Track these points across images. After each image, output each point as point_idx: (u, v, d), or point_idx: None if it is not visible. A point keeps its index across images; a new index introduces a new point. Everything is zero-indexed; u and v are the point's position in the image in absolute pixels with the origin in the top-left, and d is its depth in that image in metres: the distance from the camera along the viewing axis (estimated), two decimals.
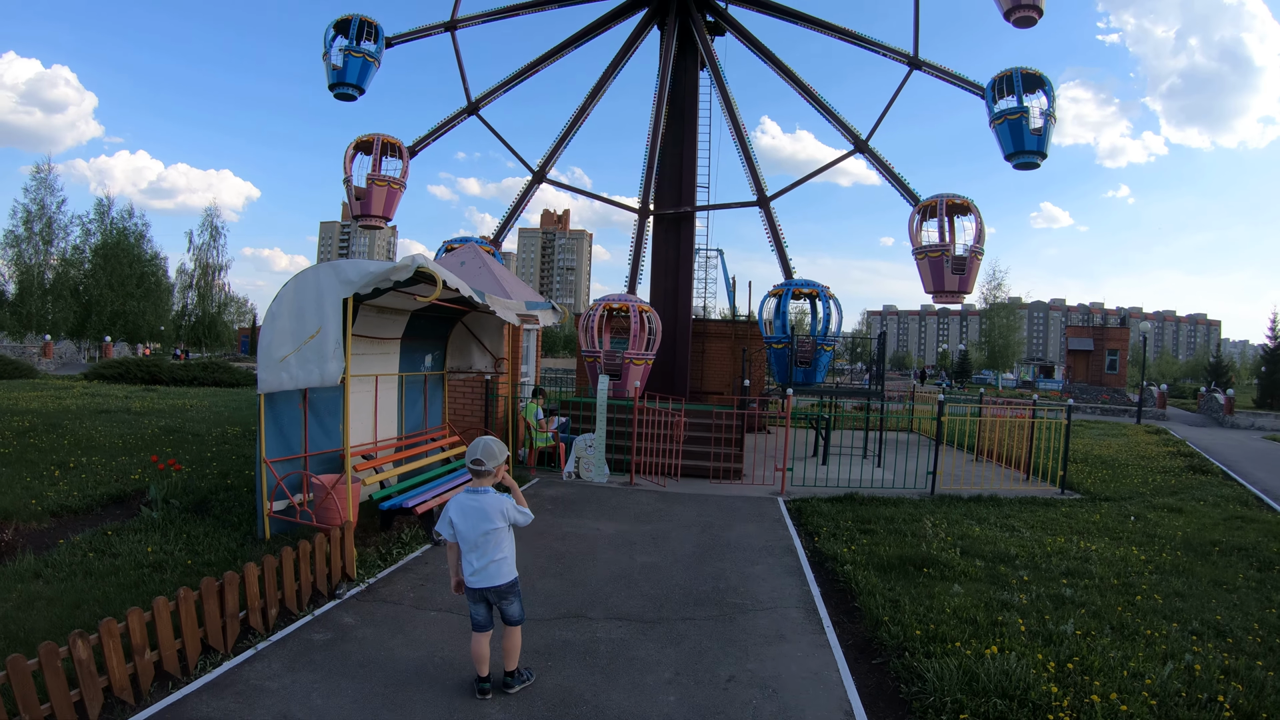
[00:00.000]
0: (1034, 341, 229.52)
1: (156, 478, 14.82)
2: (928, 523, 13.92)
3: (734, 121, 28.20)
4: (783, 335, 23.97)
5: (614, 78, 30.62)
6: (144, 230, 75.66)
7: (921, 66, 28.16)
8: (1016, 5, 26.16)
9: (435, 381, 17.04)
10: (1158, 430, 36.16)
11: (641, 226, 28.25)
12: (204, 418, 24.84)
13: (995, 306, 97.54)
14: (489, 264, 18.77)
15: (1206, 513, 16.99)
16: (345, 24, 29.67)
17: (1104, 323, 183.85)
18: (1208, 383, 76.15)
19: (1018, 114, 25.51)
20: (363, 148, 29.55)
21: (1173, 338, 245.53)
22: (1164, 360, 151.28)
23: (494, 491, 6.89)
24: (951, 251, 25.33)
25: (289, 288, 10.46)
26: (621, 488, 17.65)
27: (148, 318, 73.52)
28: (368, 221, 29.68)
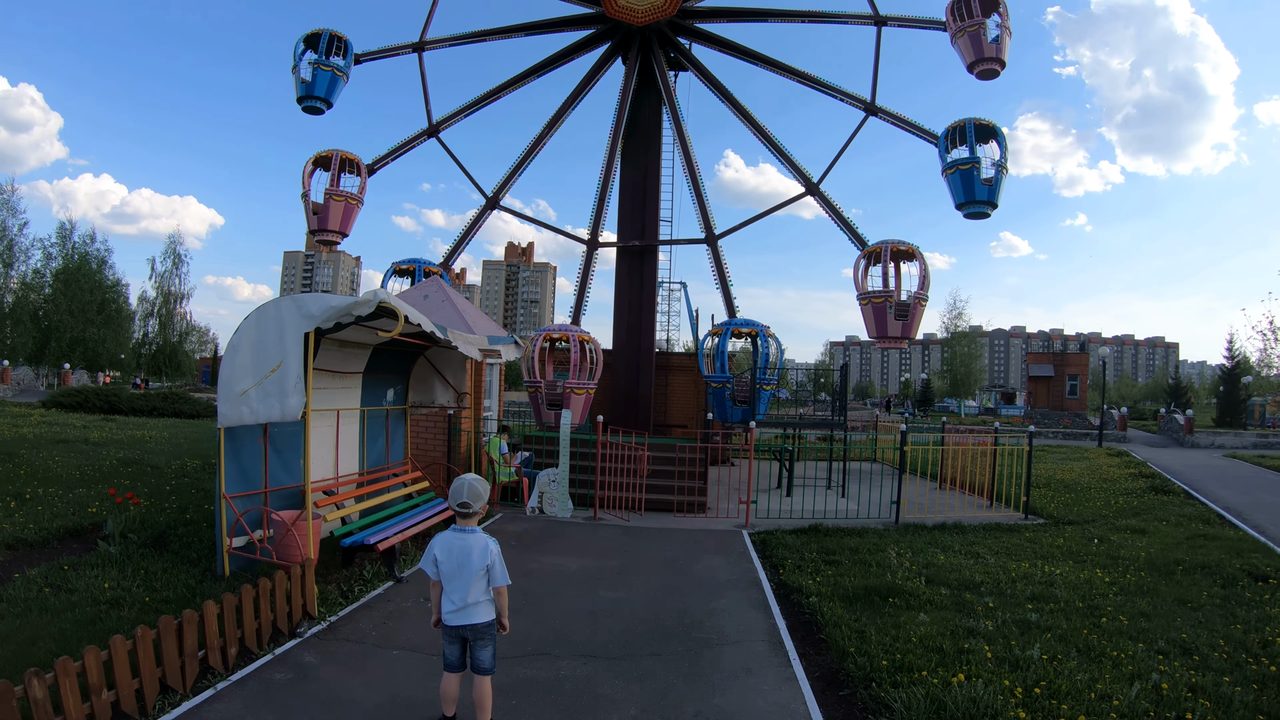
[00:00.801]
0: (995, 369, 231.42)
1: (114, 511, 14.54)
2: (892, 552, 13.93)
3: (687, 159, 28.38)
4: (721, 374, 24.01)
5: (573, 108, 30.78)
6: (106, 256, 74.85)
7: (878, 113, 28.51)
8: (980, 59, 26.61)
9: (397, 416, 16.83)
10: (1119, 453, 36.47)
11: (589, 258, 28.56)
12: (163, 449, 24.51)
13: (956, 335, 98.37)
14: (452, 297, 18.68)
15: (1169, 532, 17.14)
16: (315, 38, 29.74)
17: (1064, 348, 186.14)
18: (1167, 404, 77.18)
19: (969, 164, 25.84)
20: (321, 163, 29.36)
21: (1132, 361, 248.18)
22: (1124, 383, 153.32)
23: (481, 532, 6.82)
24: (895, 298, 25.57)
25: (250, 321, 10.35)
26: (586, 522, 17.53)
27: (108, 345, 72.36)
28: (324, 236, 29.47)
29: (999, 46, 26.75)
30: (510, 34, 31.43)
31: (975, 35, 26.74)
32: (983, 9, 26.83)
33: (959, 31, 27.04)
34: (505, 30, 31.43)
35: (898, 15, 28.91)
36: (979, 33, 26.69)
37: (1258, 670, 8.75)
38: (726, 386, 23.51)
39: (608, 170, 28.65)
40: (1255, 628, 10.37)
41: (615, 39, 30.01)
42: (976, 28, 26.69)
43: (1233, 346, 69.15)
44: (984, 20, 26.75)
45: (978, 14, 26.76)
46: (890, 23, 29.01)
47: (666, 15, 28.57)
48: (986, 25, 26.74)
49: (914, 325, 25.63)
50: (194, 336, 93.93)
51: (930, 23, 28.42)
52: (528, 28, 31.26)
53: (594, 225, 28.63)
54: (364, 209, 30.00)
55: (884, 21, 29.00)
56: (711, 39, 30.45)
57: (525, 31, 31.29)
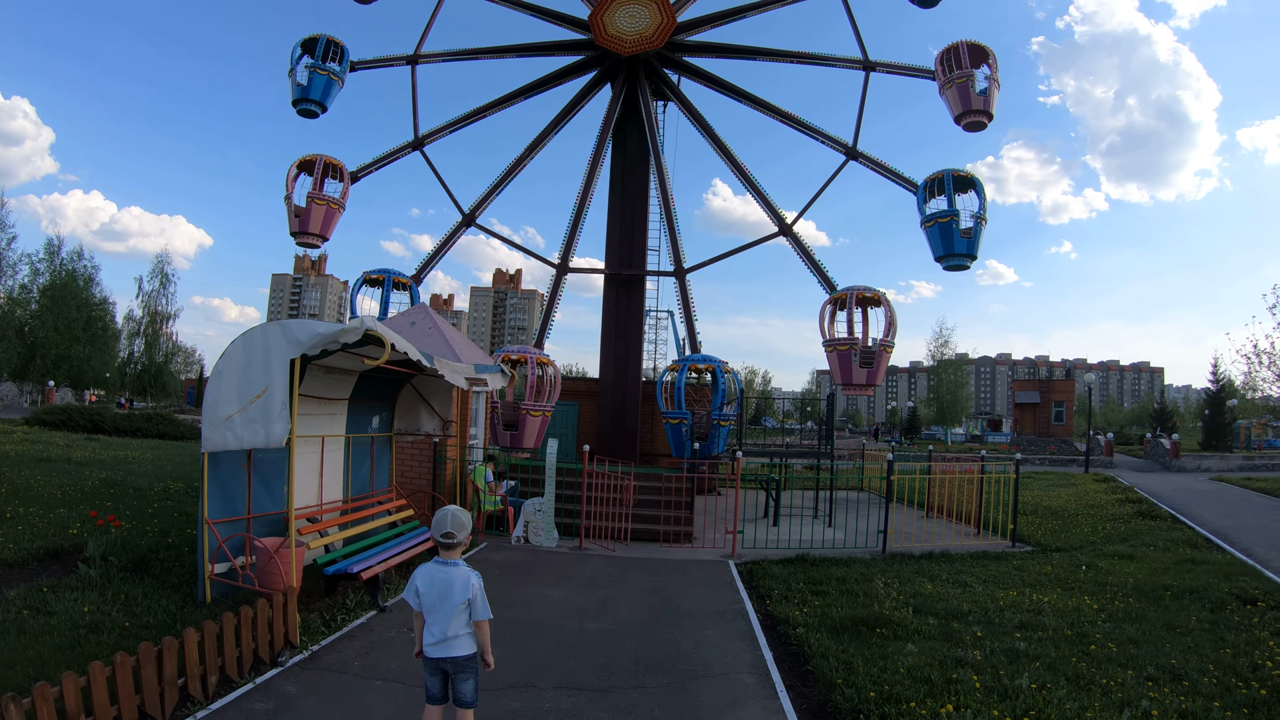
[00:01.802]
0: (982, 396, 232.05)
1: (95, 533, 14.38)
2: (879, 582, 13.86)
3: (663, 192, 28.65)
4: (678, 411, 24.01)
5: (556, 132, 31.26)
6: (93, 273, 73.47)
7: (858, 157, 28.88)
8: (968, 110, 26.91)
9: (382, 443, 16.73)
10: (1106, 478, 36.51)
11: (558, 281, 29.11)
12: (146, 471, 24.29)
13: (943, 363, 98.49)
14: (439, 325, 18.65)
15: (1157, 557, 17.14)
16: (312, 43, 30.08)
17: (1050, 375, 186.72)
18: (1153, 428, 77.34)
19: (948, 217, 26.09)
20: (305, 167, 29.62)
21: (1118, 386, 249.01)
22: (1110, 408, 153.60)
23: (464, 565, 6.73)
24: (859, 346, 25.70)
25: (236, 346, 10.35)
26: (571, 552, 17.44)
27: (93, 363, 71.11)
28: (305, 239, 29.69)
29: (987, 99, 27.01)
30: (503, 54, 31.98)
31: (963, 87, 27.03)
32: (972, 60, 27.15)
33: (947, 83, 27.38)
34: (498, 50, 31.97)
35: (886, 62, 29.32)
36: (967, 85, 26.99)
37: (1247, 694, 8.72)
38: (683, 423, 23.56)
39: (583, 196, 29.19)
40: (1244, 651, 10.35)
41: (603, 67, 30.40)
42: (965, 79, 27.00)
43: (1217, 370, 69.47)
44: (973, 71, 27.05)
45: (966, 65, 27.08)
46: (879, 68, 29.39)
47: (654, 47, 28.83)
48: (975, 77, 27.05)
49: (879, 372, 25.84)
50: (180, 357, 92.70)
51: (919, 71, 28.74)
52: (520, 49, 31.72)
53: (565, 249, 29.16)
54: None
55: (873, 67, 29.36)
56: (698, 73, 30.77)
57: (518, 53, 31.81)
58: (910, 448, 65.43)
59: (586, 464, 18.57)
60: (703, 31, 30.96)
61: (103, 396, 78.53)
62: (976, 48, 27.37)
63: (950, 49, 27.53)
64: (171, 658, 7.52)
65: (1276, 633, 11.27)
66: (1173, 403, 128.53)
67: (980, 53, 27.41)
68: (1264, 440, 64.36)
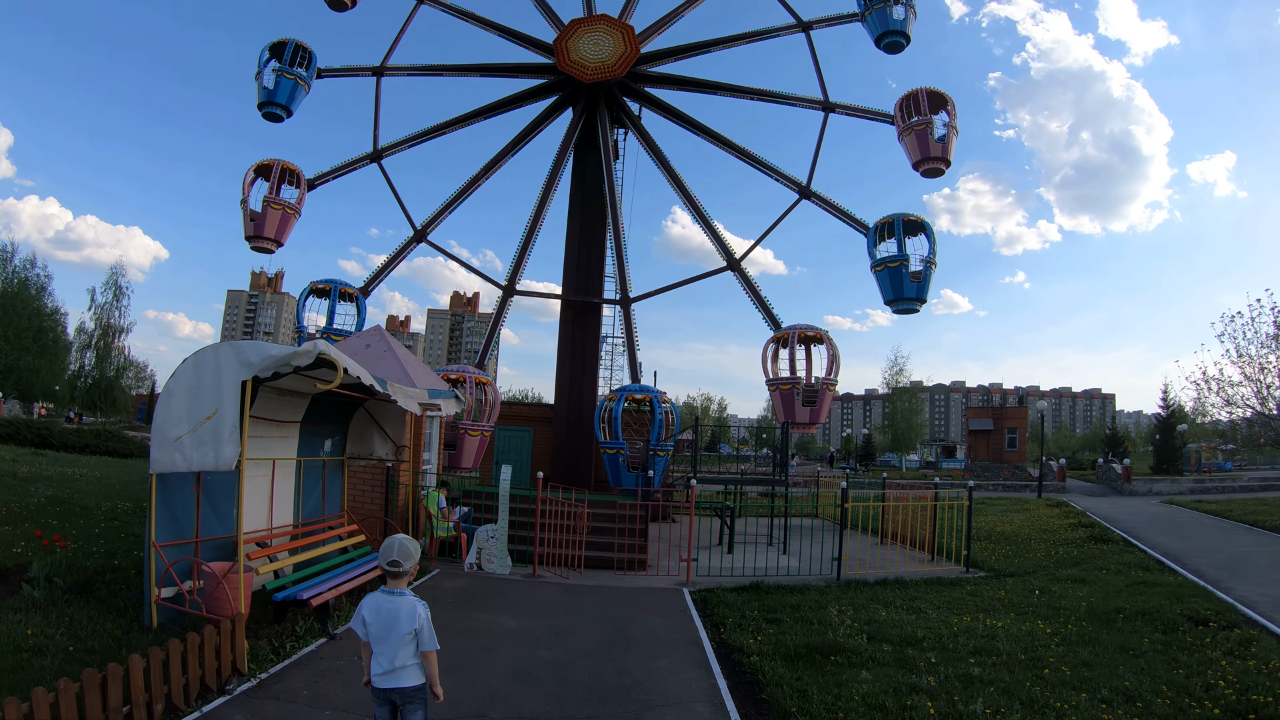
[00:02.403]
0: (936, 423, 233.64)
1: (40, 553, 13.99)
2: (834, 610, 13.83)
3: (614, 221, 28.87)
4: (615, 441, 23.96)
5: (515, 153, 31.59)
6: (46, 283, 71.38)
7: (811, 197, 29.23)
8: (926, 157, 27.23)
9: (334, 467, 16.54)
10: (1059, 503, 36.73)
11: (503, 303, 29.43)
12: (94, 489, 23.92)
13: (897, 391, 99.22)
14: (394, 348, 18.47)
15: (1109, 580, 17.26)
16: (280, 47, 30.29)
17: (1003, 402, 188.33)
18: (1105, 454, 78.15)
19: (897, 262, 26.41)
20: (262, 172, 29.57)
21: (1070, 412, 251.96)
22: (1063, 434, 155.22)
23: (411, 594, 6.59)
24: (801, 385, 25.85)
25: (187, 366, 10.24)
26: (524, 579, 17.25)
27: (42, 375, 69.07)
28: (260, 244, 29.61)
29: (945, 146, 27.35)
30: (468, 72, 32.48)
31: (922, 134, 27.38)
32: (931, 106, 27.49)
33: (906, 129, 27.77)
34: (464, 68, 32.40)
35: (846, 104, 29.77)
36: (926, 132, 27.33)
37: (1201, 714, 8.77)
38: (620, 453, 23.51)
39: (535, 219, 29.54)
40: (1197, 672, 10.40)
41: (565, 92, 30.72)
42: (924, 126, 27.35)
43: (1168, 396, 70.60)
44: (932, 118, 27.35)
45: (925, 111, 27.42)
46: (839, 110, 29.81)
47: (615, 76, 29.09)
48: (934, 123, 27.35)
49: (822, 410, 26.02)
50: (132, 372, 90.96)
51: (879, 115, 29.10)
52: (485, 69, 32.25)
53: (513, 271, 29.37)
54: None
55: (832, 108, 29.75)
56: (659, 104, 31.04)
57: (482, 73, 32.35)
58: (865, 474, 65.67)
59: (540, 490, 18.42)
60: (666, 63, 31.34)
61: (51, 410, 76.93)
62: (935, 95, 27.77)
63: (910, 95, 27.90)
64: (116, 685, 7.29)
65: (1229, 652, 11.34)
66: (1124, 428, 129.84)
67: (939, 99, 27.77)
68: (1214, 463, 65.40)
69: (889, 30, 29.07)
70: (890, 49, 29.70)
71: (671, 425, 24.31)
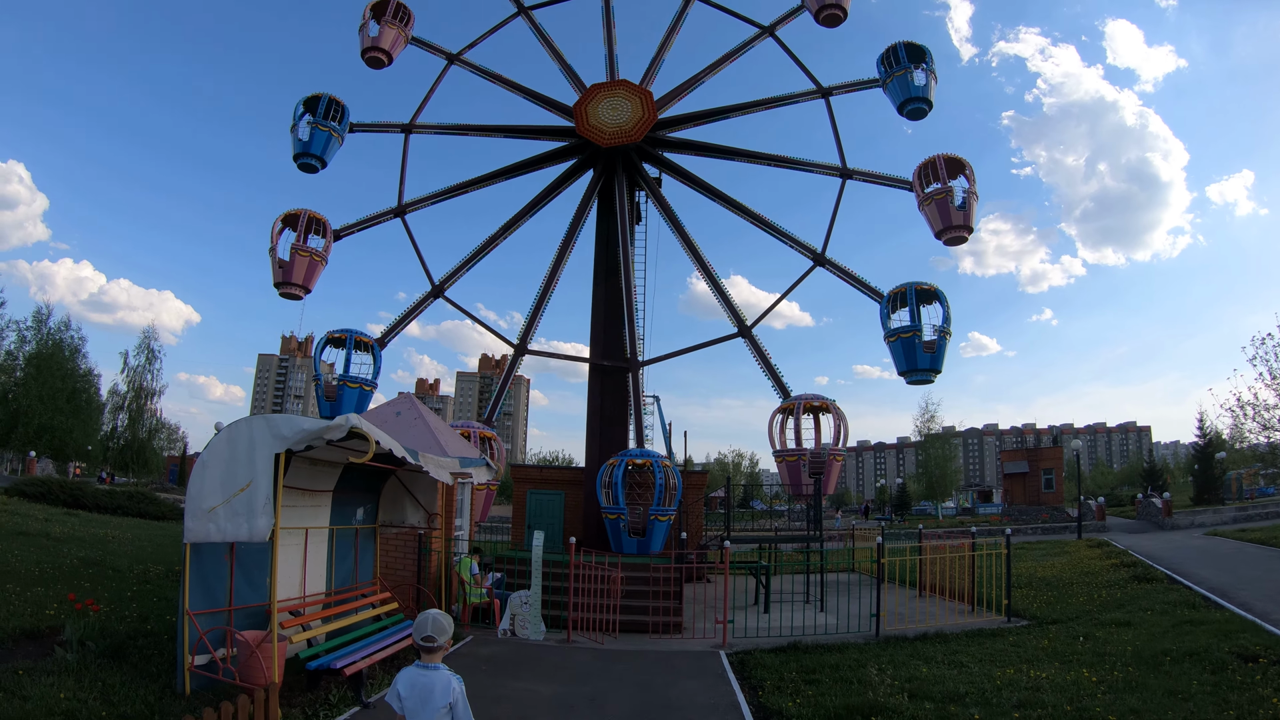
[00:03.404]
0: (970, 468, 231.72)
1: (73, 616, 14.02)
2: (873, 668, 13.61)
3: (626, 285, 28.95)
4: (615, 506, 23.80)
5: (534, 213, 32.00)
6: (80, 344, 72.90)
7: (825, 264, 29.32)
8: (948, 226, 27.19)
9: (367, 535, 16.59)
10: (1100, 543, 36.18)
11: (513, 362, 30.14)
12: (126, 551, 24.08)
13: (930, 438, 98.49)
14: (424, 415, 18.55)
15: (1155, 622, 16.89)
16: (314, 101, 31.06)
17: (1037, 443, 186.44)
18: (1144, 488, 76.94)
19: (910, 332, 26.33)
20: (289, 222, 30.02)
21: (1105, 448, 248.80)
22: (1099, 471, 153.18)
23: (445, 669, 6.54)
24: (808, 456, 25.72)
25: (221, 438, 10.51)
26: (559, 645, 17.12)
27: (75, 435, 69.84)
28: (288, 290, 29.85)
29: (966, 213, 27.31)
30: (492, 133, 33.46)
31: (942, 203, 27.37)
32: (949, 172, 27.47)
33: (926, 199, 27.80)
34: (488, 129, 33.44)
35: (863, 171, 29.96)
36: (946, 200, 27.31)
37: None
38: (621, 518, 23.36)
39: (549, 280, 30.13)
40: (1248, 712, 10.19)
41: (584, 155, 31.20)
42: (944, 195, 27.32)
43: (1203, 424, 69.53)
44: (950, 185, 27.35)
45: (944, 177, 27.44)
46: (856, 177, 29.99)
47: (632, 141, 29.46)
48: (953, 190, 27.31)
49: (830, 480, 25.92)
50: (164, 434, 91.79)
51: (897, 181, 29.22)
52: (508, 130, 33.11)
53: (525, 331, 29.93)
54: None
55: (850, 175, 29.92)
56: (676, 169, 31.48)
57: (506, 134, 33.22)
58: (901, 524, 65.03)
59: (573, 555, 18.31)
60: (685, 128, 31.71)
61: (85, 469, 77.44)
62: (953, 160, 27.81)
63: (927, 163, 27.96)
64: None
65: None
66: (1162, 460, 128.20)
67: (957, 164, 27.81)
68: (1256, 489, 64.21)
69: (911, 97, 29.18)
70: (913, 116, 29.76)
71: (673, 490, 24.10)
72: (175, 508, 40.94)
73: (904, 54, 29.35)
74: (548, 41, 33.88)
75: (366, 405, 29.29)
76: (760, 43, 32.82)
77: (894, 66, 29.47)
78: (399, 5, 33.37)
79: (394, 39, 33.34)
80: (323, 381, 29.17)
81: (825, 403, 26.43)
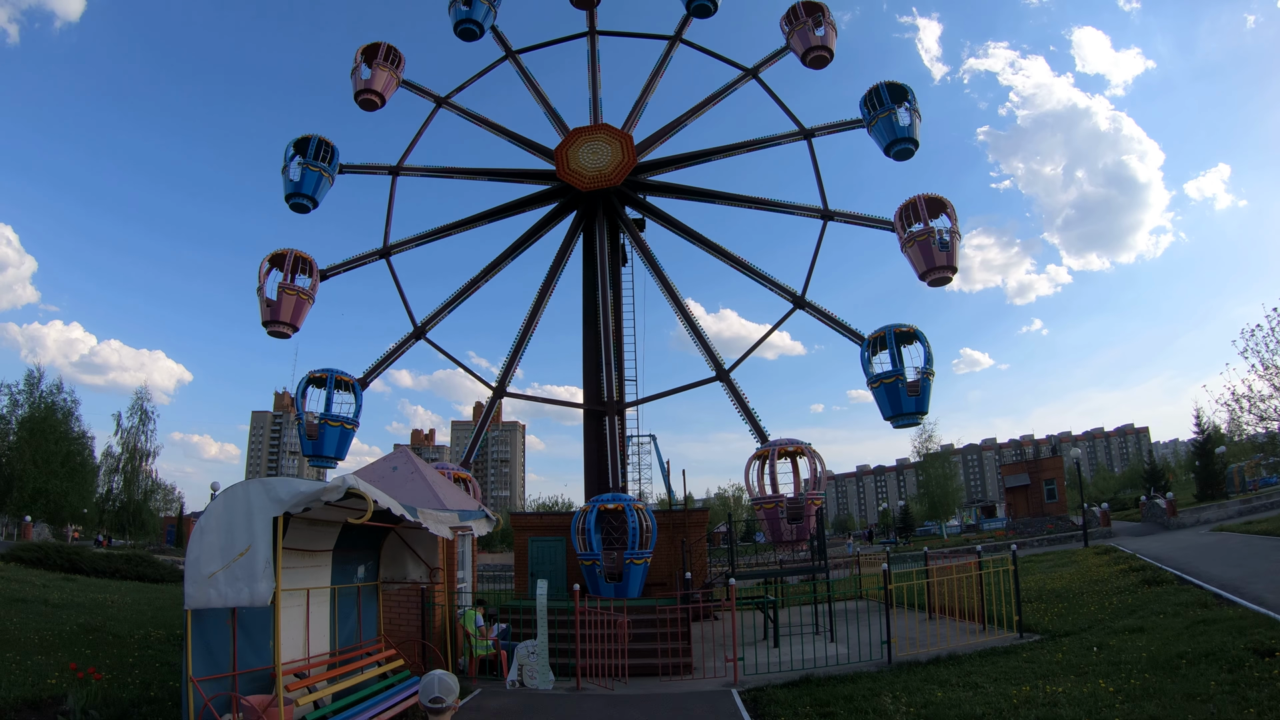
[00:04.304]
0: (972, 484, 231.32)
1: (75, 684, 13.82)
2: (887, 698, 13.43)
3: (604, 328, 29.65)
4: (589, 553, 23.66)
5: (516, 256, 32.57)
6: (73, 407, 72.40)
7: (805, 307, 29.70)
8: (931, 268, 27.32)
9: (369, 592, 16.39)
10: (1107, 549, 36.01)
11: (492, 404, 30.88)
12: (126, 616, 23.68)
13: (929, 458, 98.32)
14: (421, 469, 18.47)
15: (1168, 625, 16.72)
16: (304, 143, 31.69)
17: (1036, 454, 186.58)
18: (1147, 490, 76.87)
19: (892, 377, 26.49)
20: (276, 262, 30.36)
21: (1105, 453, 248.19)
22: (1101, 476, 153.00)
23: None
24: (785, 502, 25.70)
25: (218, 503, 10.49)
26: (568, 694, 16.97)
27: (70, 498, 68.87)
28: (276, 328, 30.21)
29: (949, 254, 27.45)
30: (477, 176, 34.15)
31: (925, 245, 27.55)
32: (930, 212, 27.63)
33: (908, 241, 27.97)
34: (473, 172, 34.12)
35: (845, 212, 30.30)
36: (928, 242, 27.50)
37: None
38: (596, 564, 23.26)
39: (527, 324, 30.78)
40: (1269, 708, 10.11)
41: (566, 198, 31.89)
42: (926, 237, 27.46)
43: (1201, 420, 69.68)
44: (933, 226, 27.49)
45: (925, 217, 27.63)
46: (837, 218, 30.37)
47: (611, 185, 29.88)
48: (935, 231, 27.44)
49: (810, 524, 25.65)
50: (159, 495, 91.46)
51: (879, 222, 29.49)
52: (493, 173, 34.05)
53: (503, 374, 30.54)
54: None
55: (831, 216, 30.24)
56: (657, 214, 31.72)
57: (490, 177, 34.09)
58: (906, 547, 64.82)
59: (578, 601, 18.16)
60: (665, 172, 32.04)
61: (83, 533, 76.80)
62: (934, 200, 28.04)
63: (908, 204, 28.23)
64: None
65: None
66: (1162, 459, 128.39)
67: (938, 204, 28.01)
68: (1259, 480, 64.14)
69: (897, 138, 29.50)
70: (900, 157, 30.02)
71: (648, 532, 23.95)
72: (174, 569, 40.66)
73: (886, 94, 29.68)
74: (534, 85, 34.62)
75: (349, 444, 29.97)
76: (744, 84, 33.25)
77: (878, 108, 29.78)
78: (389, 49, 34.22)
79: (386, 81, 34.10)
80: (304, 421, 29.37)
81: (800, 447, 26.46)
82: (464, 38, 34.10)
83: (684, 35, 34.49)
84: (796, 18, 32.50)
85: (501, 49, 35.25)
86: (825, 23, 32.37)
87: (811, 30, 32.08)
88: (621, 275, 31.94)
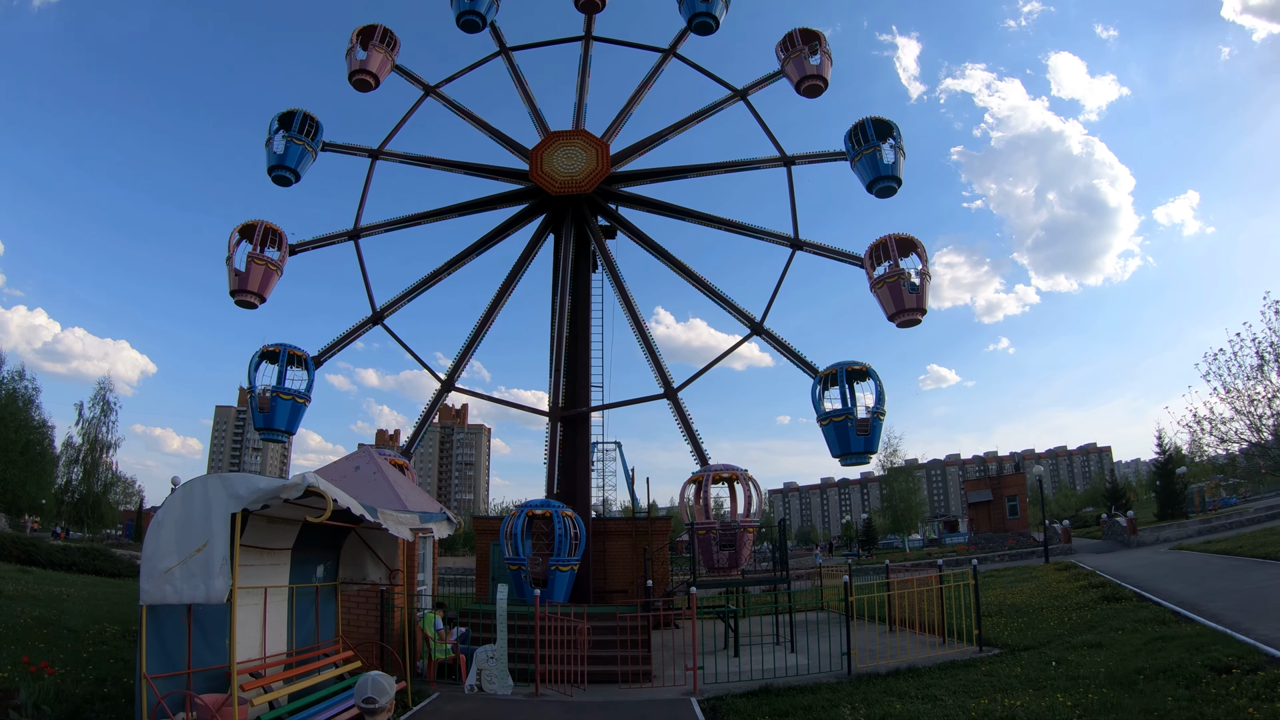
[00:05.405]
0: (935, 499, 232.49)
1: (28, 679, 13.65)
2: (845, 709, 13.43)
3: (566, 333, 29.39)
4: (516, 557, 23.59)
5: (481, 252, 32.34)
6: (34, 395, 71.00)
7: (762, 333, 29.69)
8: (901, 310, 27.32)
9: (328, 593, 16.28)
10: (1067, 565, 36.32)
11: (437, 397, 31.24)
12: (82, 610, 23.52)
13: (893, 471, 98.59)
14: (384, 470, 18.32)
15: (1126, 641, 16.85)
16: (289, 117, 31.53)
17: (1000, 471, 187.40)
18: (1108, 508, 77.40)
19: (842, 416, 26.38)
20: (246, 233, 29.99)
21: (1068, 471, 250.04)
22: (1063, 494, 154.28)
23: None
24: (717, 529, 25.66)
25: (176, 498, 10.40)
26: (527, 699, 16.90)
27: (29, 489, 67.78)
28: (244, 298, 29.85)
29: (919, 296, 27.44)
30: (454, 168, 34.01)
31: (894, 286, 27.54)
32: (900, 251, 27.64)
33: (878, 282, 27.95)
34: (451, 164, 33.91)
35: (815, 243, 30.29)
36: (898, 284, 27.47)
37: None
38: (522, 569, 23.20)
39: (482, 322, 30.97)
40: None
41: (537, 200, 31.77)
42: (896, 278, 27.42)
43: (1162, 441, 70.43)
44: (903, 268, 27.49)
45: (895, 257, 27.58)
46: (807, 248, 30.34)
47: (582, 191, 29.90)
48: (905, 273, 27.43)
49: (744, 552, 25.67)
50: (119, 488, 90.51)
51: (848, 257, 29.51)
52: (469, 168, 33.89)
53: (453, 369, 30.76)
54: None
55: (800, 246, 30.28)
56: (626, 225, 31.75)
57: (467, 170, 33.94)
58: (868, 560, 64.95)
59: (539, 607, 18.08)
60: (639, 185, 32.01)
61: (41, 524, 75.54)
62: (904, 240, 28.07)
63: (879, 244, 28.19)
64: None
65: (1255, 697, 11.05)
66: (1124, 478, 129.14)
67: (908, 244, 28.03)
68: (1218, 500, 64.85)
69: (880, 176, 29.45)
70: (882, 194, 29.93)
71: (575, 539, 23.85)
72: (131, 564, 40.15)
73: (872, 130, 29.64)
74: (522, 84, 34.53)
75: (300, 418, 29.66)
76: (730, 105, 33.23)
77: (862, 144, 29.71)
78: (385, 31, 34.18)
79: (380, 63, 34.03)
80: (255, 396, 28.86)
81: (735, 473, 26.35)
82: (466, 29, 34.04)
83: (678, 50, 34.38)
84: (792, 45, 32.54)
85: (496, 44, 35.19)
86: (821, 51, 32.41)
87: (807, 58, 32.05)
88: (592, 281, 31.80)
